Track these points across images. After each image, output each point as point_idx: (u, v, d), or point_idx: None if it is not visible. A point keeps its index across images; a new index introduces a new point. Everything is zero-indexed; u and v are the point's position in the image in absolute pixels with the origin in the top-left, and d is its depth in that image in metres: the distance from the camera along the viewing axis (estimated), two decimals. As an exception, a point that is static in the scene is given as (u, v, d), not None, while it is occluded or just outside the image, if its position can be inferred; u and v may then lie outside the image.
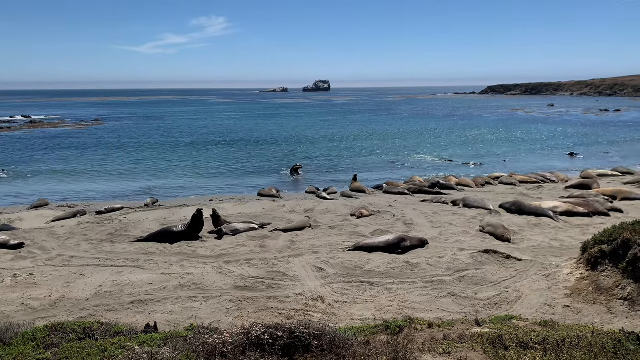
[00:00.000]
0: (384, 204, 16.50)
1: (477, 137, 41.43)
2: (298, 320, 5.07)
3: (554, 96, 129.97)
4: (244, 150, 34.05)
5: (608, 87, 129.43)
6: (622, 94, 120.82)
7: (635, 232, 8.22)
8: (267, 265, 10.19)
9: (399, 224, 13.64)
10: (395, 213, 14.99)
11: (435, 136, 42.66)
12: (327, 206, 16.28)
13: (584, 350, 3.83)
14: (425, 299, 8.29)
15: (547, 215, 13.72)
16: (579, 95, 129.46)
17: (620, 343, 4.00)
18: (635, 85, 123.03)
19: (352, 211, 15.04)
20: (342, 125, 55.11)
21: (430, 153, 32.30)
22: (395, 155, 31.16)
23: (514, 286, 8.72)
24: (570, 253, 10.22)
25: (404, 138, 41.41)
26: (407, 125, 54.15)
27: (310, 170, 26.02)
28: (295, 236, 12.46)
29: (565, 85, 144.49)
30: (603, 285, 8.03)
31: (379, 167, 26.95)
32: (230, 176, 24.64)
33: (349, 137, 42.11)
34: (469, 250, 10.88)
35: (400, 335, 4.58)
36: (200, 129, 51.90)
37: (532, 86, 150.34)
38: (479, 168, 26.36)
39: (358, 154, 32.22)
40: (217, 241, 12.21)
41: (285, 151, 33.49)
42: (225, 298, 8.48)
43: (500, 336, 4.22)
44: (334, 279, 9.31)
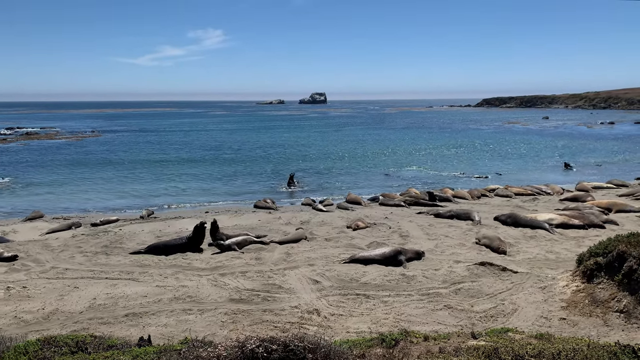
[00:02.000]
0: (380, 215, 16.49)
1: (472, 150, 41.59)
2: (293, 333, 5.04)
3: (548, 109, 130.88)
4: (240, 162, 34.05)
5: (602, 100, 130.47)
6: (616, 107, 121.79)
7: (631, 244, 8.23)
8: (262, 277, 10.14)
9: (395, 236, 13.62)
10: (391, 225, 14.98)
11: (431, 148, 42.79)
12: (323, 218, 16.26)
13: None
14: (422, 312, 8.26)
15: (543, 228, 13.74)
16: (574, 108, 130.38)
17: (616, 356, 3.99)
18: (628, 98, 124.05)
19: (348, 223, 15.03)
20: (337, 137, 55.27)
21: (426, 165, 32.38)
22: (391, 167, 31.21)
23: (510, 299, 8.70)
24: (566, 265, 10.22)
25: (399, 150, 41.53)
26: (403, 138, 54.33)
27: (306, 182, 26.02)
28: (291, 248, 12.43)
29: (560, 98, 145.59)
30: (599, 297, 8.02)
31: (374, 179, 26.97)
32: (226, 188, 24.59)
33: (345, 149, 42.20)
34: (465, 262, 10.87)
35: (396, 348, 4.55)
36: (196, 140, 51.93)
37: (527, 99, 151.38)
38: (475, 180, 26.42)
39: (353, 165, 32.26)
40: (213, 253, 12.15)
41: (281, 163, 33.52)
42: (220, 311, 8.42)
43: (496, 349, 4.20)
44: (329, 292, 9.27)
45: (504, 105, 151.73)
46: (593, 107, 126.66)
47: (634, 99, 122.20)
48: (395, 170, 30.31)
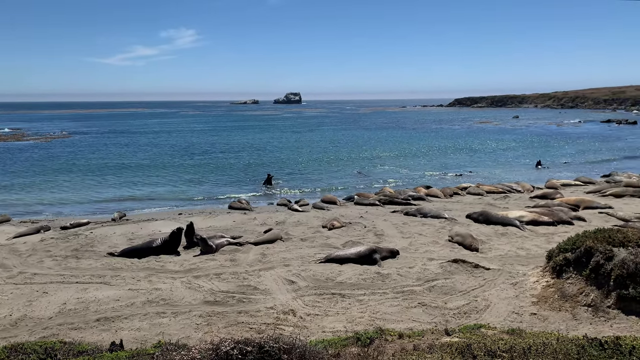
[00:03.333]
0: (355, 215, 16.57)
1: (446, 149, 42.15)
2: (268, 334, 5.03)
3: (519, 108, 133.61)
4: (213, 163, 33.73)
5: (570, 99, 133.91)
6: (583, 106, 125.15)
7: (598, 240, 8.47)
8: (237, 279, 10.07)
9: (370, 235, 13.71)
10: (366, 224, 15.07)
11: (404, 148, 43.19)
12: (299, 218, 16.25)
13: (549, 357, 3.91)
14: (396, 310, 8.33)
15: (514, 225, 14.02)
16: (543, 107, 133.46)
17: (583, 349, 4.09)
18: (594, 98, 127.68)
19: (324, 223, 15.05)
20: (311, 137, 55.31)
21: (400, 164, 32.68)
22: (365, 167, 31.39)
23: (482, 295, 8.85)
24: (536, 261, 10.45)
25: (373, 150, 41.78)
26: (377, 137, 54.70)
27: (281, 182, 25.97)
28: (266, 249, 12.38)
29: (529, 97, 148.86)
30: (568, 292, 8.23)
31: (349, 179, 27.09)
32: (200, 189, 24.33)
33: (319, 149, 42.26)
34: (438, 260, 11.01)
35: (371, 347, 4.58)
36: (167, 141, 51.19)
37: (498, 98, 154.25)
38: (448, 178, 26.78)
39: (328, 165, 32.34)
40: (186, 255, 12.02)
41: (255, 164, 33.33)
42: (195, 313, 8.33)
43: (468, 345, 4.26)
44: (305, 292, 9.27)
45: (476, 105, 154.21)
46: (561, 107, 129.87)
47: (599, 99, 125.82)
48: (369, 169, 30.50)
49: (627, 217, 14.75)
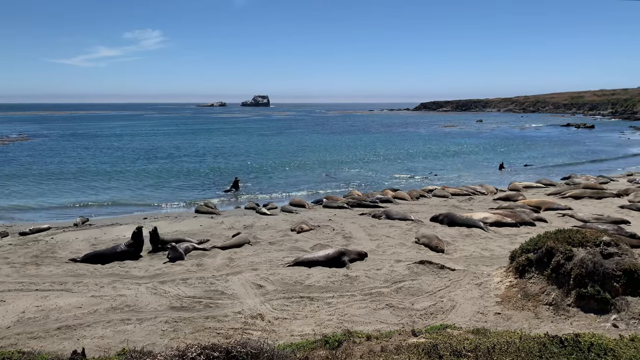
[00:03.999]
0: (324, 218, 16.60)
1: (412, 152, 42.74)
2: (236, 339, 4.98)
3: (482, 112, 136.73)
4: (179, 167, 33.20)
5: (531, 103, 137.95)
6: (544, 110, 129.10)
7: (558, 240, 8.74)
8: (204, 284, 9.94)
9: (339, 238, 13.75)
10: (334, 227, 15.11)
11: (372, 151, 43.58)
12: (267, 222, 16.17)
13: (513, 356, 4.00)
14: (364, 312, 8.38)
15: (478, 226, 14.32)
16: (505, 112, 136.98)
17: (545, 347, 4.21)
18: (555, 102, 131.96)
19: (292, 226, 15.02)
20: (279, 140, 55.19)
21: (368, 167, 32.94)
22: (333, 169, 31.52)
23: (448, 295, 8.99)
24: (500, 262, 10.69)
25: (341, 152, 42.01)
26: (345, 140, 55.02)
27: (249, 185, 25.80)
28: (234, 253, 12.26)
29: (492, 101, 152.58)
30: (530, 291, 8.45)
31: (317, 181, 27.13)
32: (165, 193, 23.92)
33: (287, 152, 42.21)
34: (405, 261, 11.14)
35: (339, 349, 4.59)
36: (130, 144, 50.16)
37: (462, 103, 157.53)
38: (415, 181, 27.15)
39: (296, 168, 32.32)
40: (152, 261, 11.79)
41: (222, 167, 33.00)
42: (161, 319, 8.17)
43: (435, 345, 4.33)
44: (273, 296, 9.22)
45: (441, 109, 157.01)
46: (523, 111, 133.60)
47: (559, 103, 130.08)
48: (337, 172, 30.63)
49: (585, 218, 15.26)
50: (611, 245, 8.44)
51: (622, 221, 14.63)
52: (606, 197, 19.25)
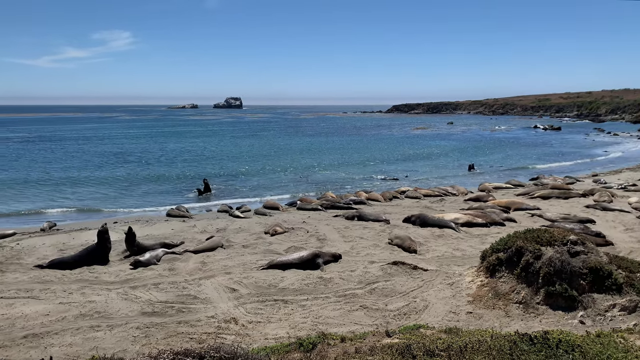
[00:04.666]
0: (298, 220, 16.58)
1: (385, 154, 43.07)
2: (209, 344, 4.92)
3: (453, 115, 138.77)
4: (151, 169, 32.70)
5: (500, 106, 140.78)
6: (512, 113, 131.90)
7: (527, 240, 8.93)
8: (176, 288, 9.80)
9: (313, 240, 13.75)
10: (308, 229, 15.11)
11: (345, 153, 43.77)
12: (240, 224, 16.05)
13: (484, 354, 4.07)
14: (339, 313, 8.40)
15: (450, 227, 14.53)
16: (475, 114, 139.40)
17: (515, 344, 4.30)
18: (523, 105, 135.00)
19: (266, 229, 14.96)
20: (253, 143, 54.90)
21: (342, 169, 33.05)
22: (307, 171, 31.52)
23: (421, 296, 9.09)
24: (471, 262, 10.86)
25: (315, 155, 42.06)
26: (319, 143, 55.10)
27: (222, 188, 25.56)
28: (206, 257, 12.13)
29: (463, 104, 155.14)
30: (501, 290, 8.61)
31: (291, 184, 27.08)
32: (135, 197, 23.51)
33: (261, 155, 42.03)
34: (379, 262, 11.21)
35: (314, 352, 4.59)
36: (101, 147, 49.15)
37: (434, 105, 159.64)
38: (388, 183, 27.36)
39: (271, 170, 32.21)
40: (123, 266, 11.56)
41: (193, 170, 32.57)
42: (132, 325, 8.02)
43: (408, 346, 4.37)
44: (247, 299, 9.16)
45: (413, 112, 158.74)
46: (492, 113, 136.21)
47: (527, 106, 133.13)
48: (311, 174, 30.64)
49: (553, 217, 15.64)
50: (578, 244, 8.67)
51: (588, 220, 15.05)
52: (572, 197, 19.77)
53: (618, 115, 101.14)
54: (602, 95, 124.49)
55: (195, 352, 3.92)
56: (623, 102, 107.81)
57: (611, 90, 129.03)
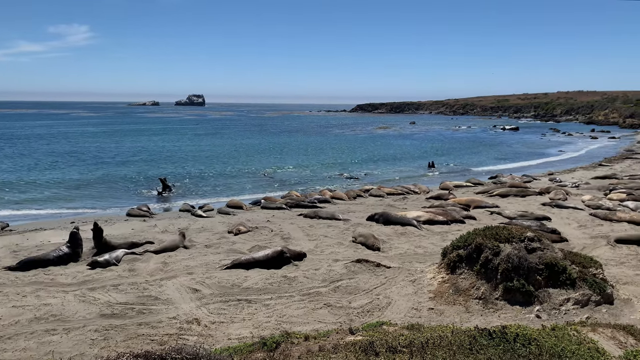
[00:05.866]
0: (262, 219, 16.48)
1: (349, 153, 43.36)
2: (171, 345, 4.83)
3: (415, 114, 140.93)
4: (110, 168, 31.81)
5: (461, 106, 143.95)
6: (472, 113, 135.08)
7: (486, 237, 9.16)
8: (137, 289, 9.57)
9: (277, 239, 13.70)
10: (273, 228, 15.04)
11: (309, 151, 43.82)
12: (203, 224, 15.83)
13: (445, 349, 4.15)
14: (303, 312, 8.40)
15: (412, 224, 14.75)
16: (437, 114, 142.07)
17: (475, 339, 4.40)
18: (482, 105, 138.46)
19: (230, 228, 14.80)
20: (216, 141, 54.26)
21: (306, 167, 33.07)
22: (271, 170, 31.39)
23: (384, 293, 9.19)
24: (432, 258, 11.05)
25: (280, 153, 41.93)
26: (283, 141, 54.96)
27: (183, 187, 25.15)
28: (168, 257, 11.90)
29: (424, 104, 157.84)
30: (461, 286, 8.80)
31: (255, 182, 26.91)
32: (93, 196, 22.79)
33: (224, 153, 41.60)
34: (343, 260, 11.27)
35: (277, 351, 4.57)
36: (55, 145, 47.45)
37: (397, 105, 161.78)
38: (352, 181, 27.54)
39: (234, 169, 31.91)
40: (80, 267, 11.21)
41: (154, 168, 31.90)
42: (90, 328, 7.79)
43: (371, 343, 4.41)
44: (210, 300, 9.04)
45: (376, 111, 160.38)
46: (453, 113, 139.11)
47: (487, 106, 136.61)
48: (276, 173, 30.53)
49: (511, 215, 16.10)
50: (534, 240, 8.96)
51: (544, 217, 15.56)
52: (530, 195, 20.40)
53: (572, 116, 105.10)
54: (557, 96, 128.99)
55: (156, 354, 3.84)
56: (577, 103, 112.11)
57: (566, 92, 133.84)
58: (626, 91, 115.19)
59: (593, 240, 12.96)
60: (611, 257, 11.42)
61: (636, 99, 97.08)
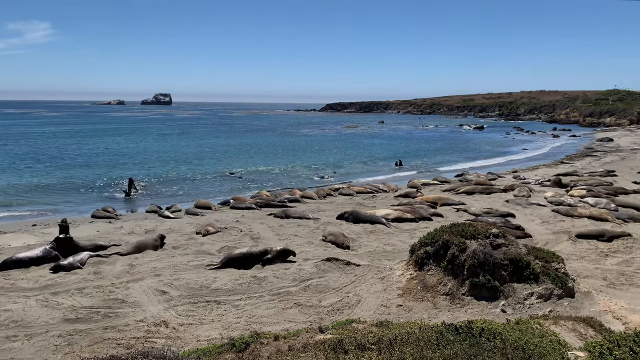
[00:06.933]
0: (231, 219, 16.34)
1: (318, 152, 43.44)
2: (137, 349, 4.75)
3: (384, 114, 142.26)
4: (73, 169, 30.93)
5: (428, 106, 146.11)
6: (439, 112, 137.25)
7: (453, 233, 9.32)
8: (102, 293, 9.36)
9: (247, 239, 13.61)
10: (242, 228, 14.94)
11: (279, 151, 43.70)
12: (171, 225, 15.59)
13: (413, 345, 4.21)
14: (272, 312, 8.37)
15: (381, 222, 14.89)
16: (405, 113, 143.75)
17: (441, 335, 4.48)
18: (449, 105, 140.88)
19: (198, 229, 14.62)
20: (184, 141, 53.49)
21: (275, 167, 32.95)
22: (240, 170, 31.13)
23: (354, 291, 9.25)
24: (401, 256, 11.18)
25: (248, 152, 41.67)
26: (252, 141, 54.63)
27: (150, 188, 24.70)
28: (134, 259, 11.67)
29: (393, 104, 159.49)
30: (429, 283, 8.94)
31: (223, 182, 26.66)
32: (56, 198, 22.14)
33: (192, 153, 41.06)
34: (313, 259, 11.29)
35: (246, 351, 4.54)
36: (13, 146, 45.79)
37: (366, 104, 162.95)
38: (321, 180, 27.59)
39: (202, 169, 31.53)
40: (42, 271, 10.87)
41: (119, 169, 31.17)
42: (53, 334, 7.58)
43: (340, 341, 4.43)
44: (178, 301, 8.91)
45: (345, 110, 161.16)
46: (421, 112, 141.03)
47: (453, 106, 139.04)
48: (244, 172, 30.31)
49: (477, 212, 16.44)
50: (499, 237, 9.17)
51: (509, 214, 15.94)
52: (494, 192, 20.87)
53: (535, 115, 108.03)
54: (521, 96, 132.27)
55: (122, 358, 3.77)
56: (539, 102, 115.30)
57: (529, 92, 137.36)
58: (586, 91, 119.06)
59: (555, 236, 13.36)
60: (572, 251, 11.79)
61: (595, 98, 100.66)
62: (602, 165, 30.24)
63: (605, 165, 30.59)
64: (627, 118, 77.51)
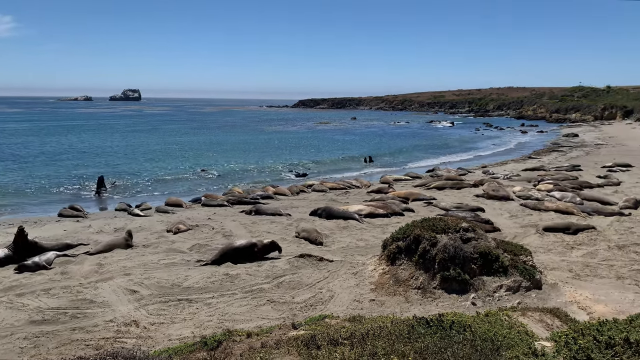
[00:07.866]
0: (203, 217, 16.17)
1: (290, 148, 43.36)
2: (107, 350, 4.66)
3: (356, 110, 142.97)
4: (36, 167, 30.00)
5: (399, 102, 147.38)
6: (410, 108, 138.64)
7: (424, 228, 9.44)
8: (70, 293, 9.14)
9: (219, 237, 13.50)
10: (214, 226, 14.79)
11: (251, 147, 43.44)
12: (141, 223, 15.32)
13: (385, 339, 4.25)
14: (245, 309, 8.33)
15: (354, 218, 14.97)
16: (377, 109, 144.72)
17: (413, 328, 4.53)
18: (420, 101, 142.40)
19: (169, 227, 14.42)
20: (153, 138, 52.59)
21: (247, 163, 32.75)
22: (210, 167, 30.83)
23: (327, 286, 9.28)
24: (374, 251, 11.26)
25: (219, 149, 41.28)
26: (223, 137, 54.15)
27: (119, 186, 24.21)
28: (103, 259, 11.43)
29: (365, 100, 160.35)
30: (401, 277, 9.03)
31: (194, 180, 26.36)
32: (20, 196, 21.48)
33: (162, 150, 40.43)
34: (286, 256, 11.27)
35: (218, 349, 4.51)
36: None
37: (338, 101, 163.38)
38: (293, 177, 27.56)
39: (173, 166, 31.08)
40: (6, 272, 10.55)
41: (87, 167, 30.44)
42: (18, 336, 7.37)
43: (313, 336, 4.44)
44: (149, 300, 8.78)
45: (318, 107, 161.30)
46: (392, 109, 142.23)
47: (424, 102, 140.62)
48: (215, 169, 30.01)
49: (447, 206, 16.68)
50: (469, 231, 9.33)
51: (478, 209, 16.23)
52: (464, 187, 21.21)
53: (504, 111, 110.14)
54: (489, 92, 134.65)
55: None
56: (507, 99, 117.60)
57: (497, 88, 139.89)
58: (552, 87, 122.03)
59: (523, 229, 13.67)
60: (540, 244, 12.09)
61: (561, 95, 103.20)
62: (568, 160, 31.06)
63: (571, 160, 31.43)
64: (592, 114, 79.75)
